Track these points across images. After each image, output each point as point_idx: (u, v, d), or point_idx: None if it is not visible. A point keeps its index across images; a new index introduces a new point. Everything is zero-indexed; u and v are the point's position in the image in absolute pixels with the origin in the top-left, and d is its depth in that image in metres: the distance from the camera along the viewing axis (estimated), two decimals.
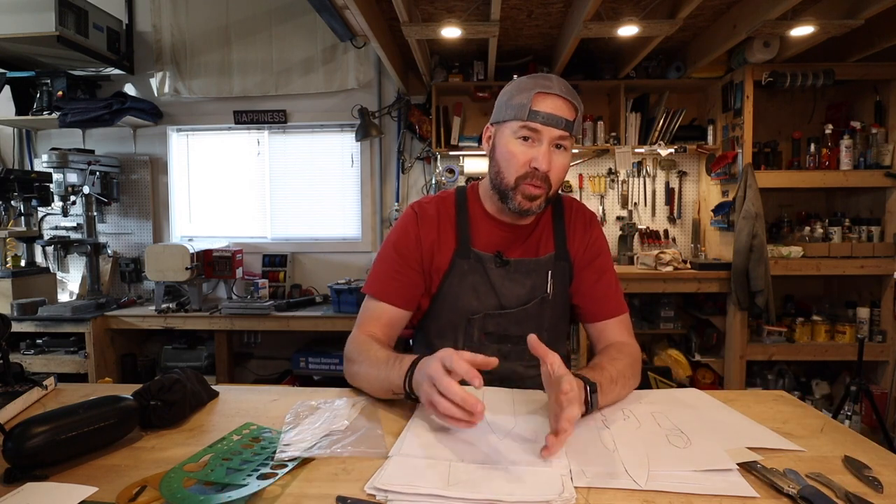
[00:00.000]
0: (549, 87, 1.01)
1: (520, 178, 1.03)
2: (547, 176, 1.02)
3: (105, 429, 0.75)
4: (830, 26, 2.24)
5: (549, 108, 1.00)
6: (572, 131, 1.02)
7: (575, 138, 1.06)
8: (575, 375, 0.85)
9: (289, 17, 3.26)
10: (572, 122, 1.01)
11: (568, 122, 1.00)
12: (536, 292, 1.13)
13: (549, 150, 1.01)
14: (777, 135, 3.13)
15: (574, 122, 1.01)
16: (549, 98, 1.00)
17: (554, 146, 1.02)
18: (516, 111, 1.02)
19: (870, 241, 2.87)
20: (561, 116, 1.00)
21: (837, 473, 0.70)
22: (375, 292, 1.11)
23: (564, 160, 1.04)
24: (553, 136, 1.01)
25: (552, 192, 1.06)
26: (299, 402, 0.93)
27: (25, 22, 2.73)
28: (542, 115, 0.99)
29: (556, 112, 1.00)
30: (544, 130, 1.00)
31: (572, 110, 1.01)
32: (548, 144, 1.01)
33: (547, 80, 1.02)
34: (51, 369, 2.87)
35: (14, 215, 3.15)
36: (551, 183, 1.04)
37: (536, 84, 1.02)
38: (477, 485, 0.65)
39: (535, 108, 1.00)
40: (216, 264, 3.07)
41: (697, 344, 3.16)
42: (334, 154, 3.46)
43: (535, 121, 1.00)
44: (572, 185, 3.36)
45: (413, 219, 1.14)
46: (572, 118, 1.01)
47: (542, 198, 1.04)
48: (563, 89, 1.01)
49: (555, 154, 1.02)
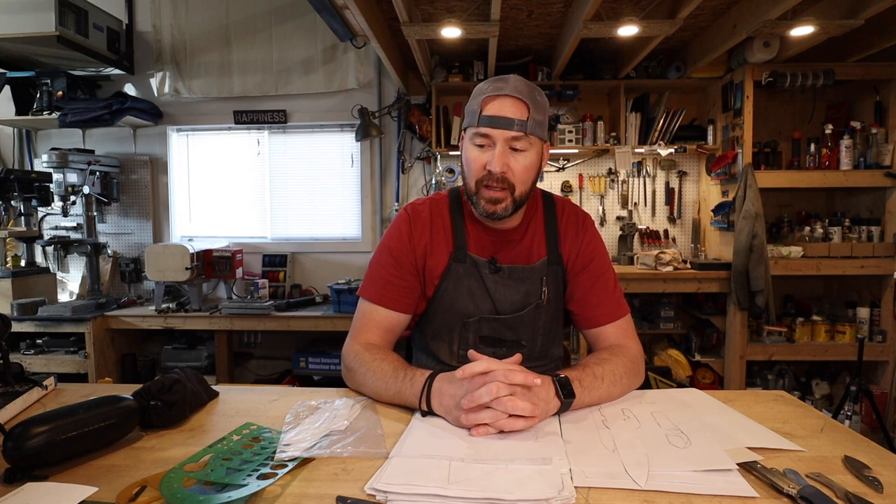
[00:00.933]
0: (499, 90, 1.00)
1: (478, 183, 1.03)
2: (505, 177, 1.01)
3: (105, 429, 0.75)
4: (830, 26, 2.24)
5: (497, 110, 0.99)
6: (527, 130, 0.99)
7: (540, 138, 1.03)
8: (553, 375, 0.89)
9: (289, 17, 3.26)
10: (525, 121, 0.99)
11: (520, 122, 0.98)
12: (531, 299, 1.12)
13: (504, 152, 1.00)
14: (777, 135, 3.13)
15: (528, 121, 0.99)
16: (499, 100, 1.00)
17: (511, 148, 1.01)
18: (471, 117, 1.03)
19: (870, 241, 2.87)
20: (510, 118, 0.98)
21: (837, 473, 0.70)
22: (372, 296, 1.10)
23: (524, 161, 1.02)
24: (506, 138, 1.00)
25: (518, 195, 1.04)
26: (299, 402, 0.93)
27: (25, 22, 2.73)
28: (491, 119, 0.99)
29: (505, 114, 0.99)
30: (494, 133, 1.00)
31: (524, 110, 0.99)
32: (502, 146, 1.00)
33: (501, 81, 1.01)
34: (51, 369, 2.87)
35: (14, 215, 3.15)
36: (514, 185, 1.02)
37: (489, 88, 1.02)
38: (477, 483, 0.65)
39: (484, 112, 1.00)
40: (216, 264, 3.07)
41: (697, 344, 3.16)
42: (334, 154, 3.46)
43: (484, 125, 1.00)
44: (572, 185, 3.36)
45: (406, 221, 1.14)
46: (525, 117, 0.99)
47: (507, 201, 1.03)
48: (515, 89, 0.99)
49: (512, 156, 1.01)
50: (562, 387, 0.86)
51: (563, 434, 0.80)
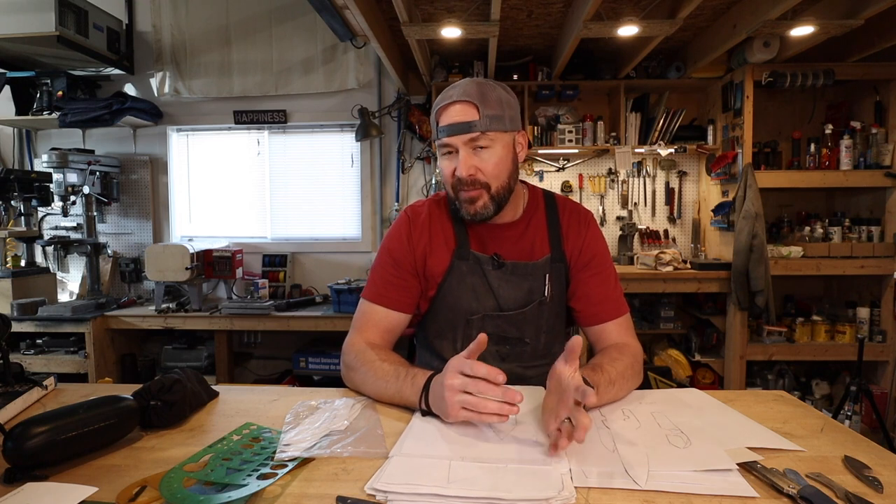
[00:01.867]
0: (450, 98, 1.03)
1: (454, 189, 1.07)
2: (475, 179, 1.04)
3: (105, 429, 0.75)
4: (830, 26, 2.24)
5: (450, 118, 1.03)
6: (484, 128, 1.01)
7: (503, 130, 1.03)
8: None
9: (289, 17, 3.26)
10: (477, 120, 1.01)
11: (469, 124, 1.01)
12: (534, 296, 1.12)
13: (468, 155, 1.03)
14: (777, 135, 3.13)
15: (480, 119, 1.01)
16: (451, 108, 1.03)
17: (475, 148, 1.03)
18: (435, 132, 1.07)
19: (870, 241, 2.87)
20: (462, 122, 1.01)
21: (837, 473, 0.70)
22: (372, 296, 1.11)
23: (491, 157, 1.04)
24: (464, 142, 1.02)
25: (496, 190, 1.06)
26: (299, 402, 0.93)
27: (25, 22, 2.73)
28: (447, 128, 1.03)
29: (457, 119, 1.02)
30: (453, 140, 1.03)
31: (474, 110, 1.01)
32: (464, 150, 1.03)
33: (451, 89, 1.05)
34: (51, 369, 2.87)
35: (14, 215, 3.15)
36: (487, 183, 1.04)
37: (441, 98, 1.05)
38: (477, 483, 0.65)
39: (441, 123, 1.04)
40: (216, 264, 3.07)
41: (697, 344, 3.16)
42: (334, 154, 3.46)
43: (444, 135, 1.04)
44: (572, 185, 3.36)
45: (405, 223, 1.15)
46: (476, 117, 1.01)
47: (484, 198, 1.05)
48: (464, 93, 1.02)
49: (476, 155, 1.04)
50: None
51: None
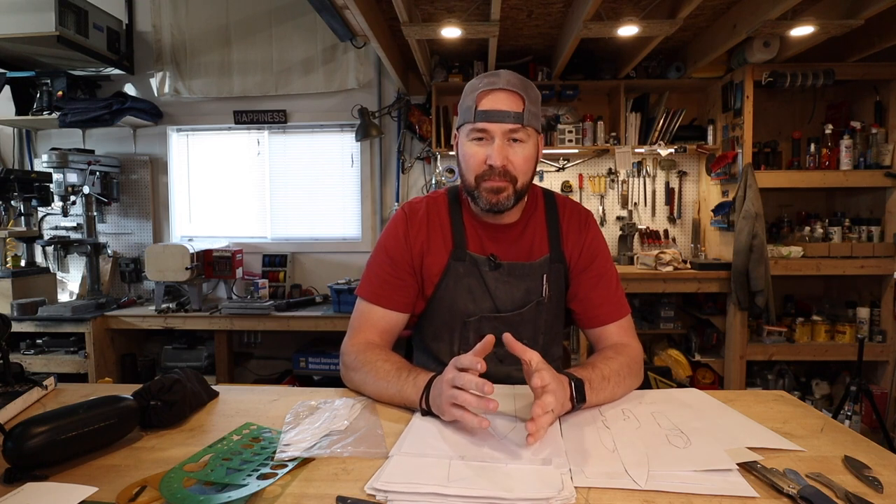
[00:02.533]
0: (493, 84, 1.01)
1: (479, 178, 1.04)
2: (506, 170, 1.02)
3: (105, 429, 0.75)
4: (830, 26, 2.24)
5: (493, 104, 1.00)
6: (524, 122, 1.00)
7: (535, 130, 1.04)
8: (563, 373, 0.87)
9: (289, 17, 3.26)
10: (521, 112, 1.00)
11: (517, 115, 0.99)
12: (532, 296, 1.11)
13: (503, 144, 1.01)
14: (777, 135, 3.13)
15: (524, 112, 1.00)
16: (493, 94, 1.00)
17: (509, 140, 1.02)
18: (466, 114, 1.03)
19: (870, 241, 2.87)
20: (507, 110, 0.99)
21: (837, 473, 0.70)
22: (370, 296, 1.10)
23: (524, 152, 1.03)
24: (504, 131, 1.00)
25: (520, 186, 1.04)
26: (299, 402, 0.93)
27: (25, 22, 2.73)
28: (488, 113, 1.00)
29: (502, 107, 1.00)
30: (493, 127, 1.00)
31: (520, 101, 1.00)
32: (500, 140, 1.00)
33: (493, 76, 1.02)
34: (51, 369, 2.87)
35: (14, 215, 3.15)
36: (515, 176, 1.03)
37: (482, 83, 1.02)
38: (477, 483, 0.65)
39: (480, 107, 1.01)
40: (216, 264, 3.07)
41: (697, 344, 3.16)
42: (334, 154, 3.46)
43: (481, 120, 1.00)
44: (572, 185, 3.36)
45: (403, 220, 1.14)
46: (521, 109, 1.00)
47: (509, 190, 1.03)
48: (508, 82, 1.00)
49: (511, 148, 1.02)
50: (577, 391, 0.86)
51: (563, 434, 0.80)
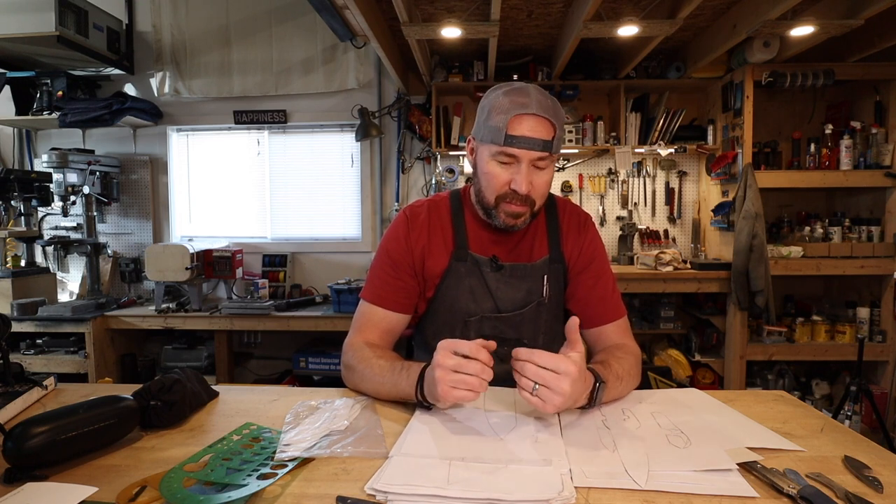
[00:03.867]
0: (525, 107, 0.97)
1: (500, 199, 1.04)
2: (528, 196, 1.02)
3: (105, 429, 0.75)
4: (830, 26, 2.24)
5: (525, 131, 0.97)
6: (552, 150, 0.99)
7: (557, 155, 1.04)
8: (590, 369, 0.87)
9: (289, 17, 3.26)
10: (551, 141, 0.98)
11: (546, 143, 0.98)
12: (532, 296, 1.13)
13: (528, 171, 1.00)
14: (777, 135, 3.13)
15: (553, 140, 0.99)
16: (525, 120, 0.97)
17: (533, 166, 1.01)
18: (493, 134, 0.99)
19: (870, 241, 2.87)
20: (537, 139, 0.97)
21: (837, 473, 0.70)
22: (371, 297, 1.12)
23: (546, 177, 1.03)
24: (532, 158, 0.99)
25: (537, 208, 1.06)
26: (299, 402, 0.93)
27: (25, 22, 2.73)
28: (518, 140, 0.97)
29: (533, 134, 0.97)
30: (521, 154, 0.98)
31: (550, 129, 0.98)
32: (526, 166, 0.99)
33: (524, 96, 0.98)
34: (51, 369, 2.87)
35: (14, 215, 3.15)
36: (534, 200, 1.04)
37: (513, 104, 0.98)
38: (477, 484, 0.65)
39: (511, 132, 0.97)
40: (216, 264, 3.07)
41: (697, 344, 3.16)
42: (334, 154, 3.46)
43: (511, 145, 0.97)
44: (572, 185, 3.36)
45: (404, 223, 1.14)
46: (550, 137, 0.98)
47: (527, 215, 1.05)
48: (540, 107, 0.97)
49: (535, 174, 1.01)
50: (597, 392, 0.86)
51: (563, 434, 0.80)
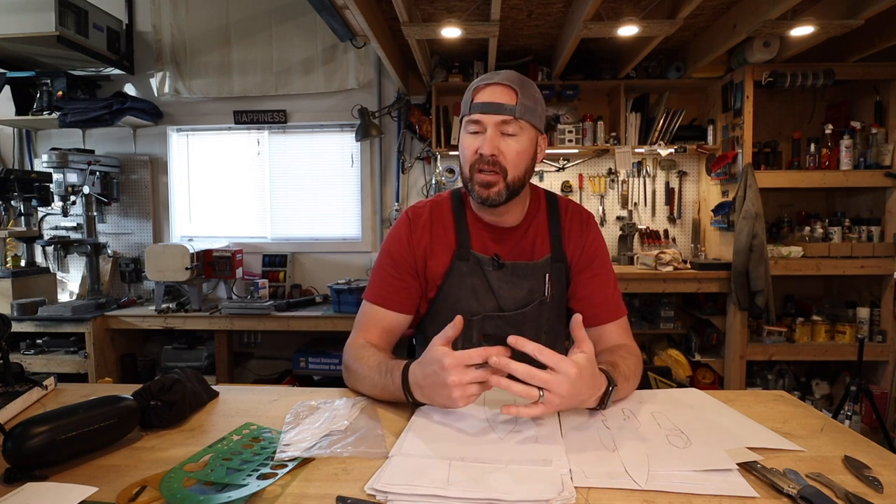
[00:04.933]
0: (489, 79, 1.05)
1: (471, 168, 1.06)
2: (496, 160, 1.03)
3: (105, 429, 0.75)
4: (830, 26, 2.24)
5: (487, 97, 1.04)
6: (516, 114, 1.02)
7: (531, 125, 1.05)
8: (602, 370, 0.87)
9: (289, 17, 3.26)
10: (514, 105, 1.02)
11: (509, 107, 1.02)
12: (534, 295, 1.13)
13: (495, 135, 1.03)
14: (777, 135, 3.13)
15: (517, 105, 1.02)
16: (488, 88, 1.04)
17: (502, 133, 1.04)
18: (464, 108, 1.08)
19: (870, 241, 2.87)
20: (499, 102, 1.02)
21: (837, 473, 0.70)
22: (373, 297, 1.12)
23: (516, 145, 1.04)
24: (496, 122, 1.03)
25: (511, 180, 1.05)
26: (299, 402, 0.93)
27: (25, 22, 2.73)
28: (481, 105, 1.03)
29: (494, 99, 1.03)
30: (485, 119, 1.03)
31: (512, 95, 1.03)
32: (492, 130, 1.03)
33: (493, 74, 1.07)
34: (51, 369, 2.87)
35: (14, 215, 3.15)
36: (506, 168, 1.04)
37: (481, 79, 1.07)
38: (477, 484, 0.65)
39: (475, 100, 1.05)
40: (216, 264, 3.07)
41: (697, 344, 3.16)
42: (334, 154, 3.46)
43: (475, 112, 1.04)
44: (572, 185, 3.36)
45: (406, 224, 1.15)
46: (513, 102, 1.02)
47: (500, 185, 1.04)
48: (505, 77, 1.04)
49: (503, 140, 1.04)
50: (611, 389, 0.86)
51: (563, 434, 0.80)
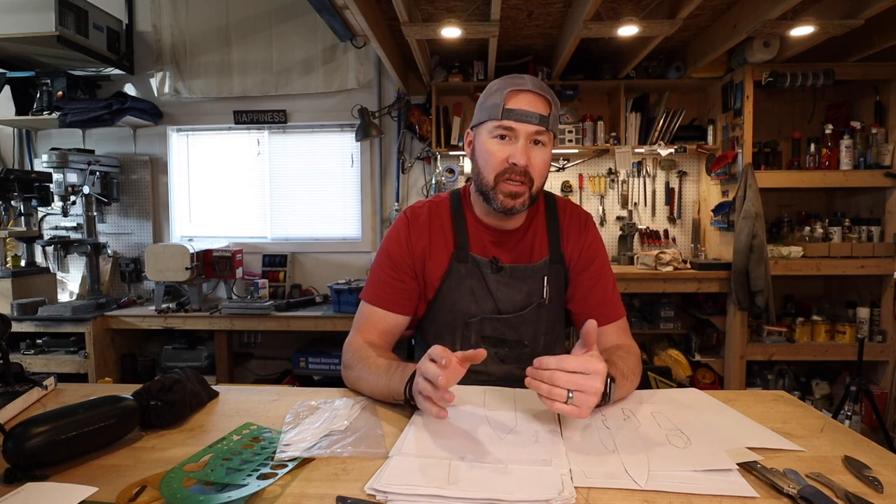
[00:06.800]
0: (521, 85, 1.02)
1: (499, 176, 1.04)
2: (527, 171, 1.02)
3: (105, 429, 0.75)
4: (830, 26, 2.24)
5: (522, 104, 1.01)
6: (548, 126, 1.02)
7: (553, 133, 1.05)
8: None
9: (289, 17, 3.26)
10: (547, 116, 1.01)
11: (543, 117, 1.01)
12: (533, 298, 1.13)
13: (526, 145, 1.02)
14: (777, 135, 3.13)
15: (549, 116, 1.01)
16: (522, 95, 1.01)
17: (531, 142, 1.02)
18: (491, 111, 1.03)
19: (870, 241, 2.87)
20: (534, 112, 1.00)
21: (837, 473, 0.70)
22: (371, 298, 1.12)
23: (544, 155, 1.04)
24: (529, 132, 1.01)
25: (535, 189, 1.05)
26: (299, 402, 0.93)
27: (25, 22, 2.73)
28: (516, 113, 1.00)
29: (530, 108, 1.00)
30: (519, 127, 1.01)
31: (546, 105, 1.02)
32: (524, 140, 1.01)
33: (519, 78, 1.04)
34: (51, 369, 2.87)
35: (14, 215, 3.15)
36: (533, 179, 1.03)
37: (509, 83, 1.03)
38: (477, 484, 0.65)
39: (508, 106, 1.01)
40: (216, 264, 3.07)
41: (697, 344, 3.16)
42: (334, 154, 3.46)
43: (509, 118, 1.01)
44: (572, 185, 3.36)
45: (405, 225, 1.15)
46: (547, 113, 1.01)
47: (525, 195, 1.04)
48: (535, 85, 1.02)
49: (533, 150, 1.03)
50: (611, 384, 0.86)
51: (563, 434, 0.80)
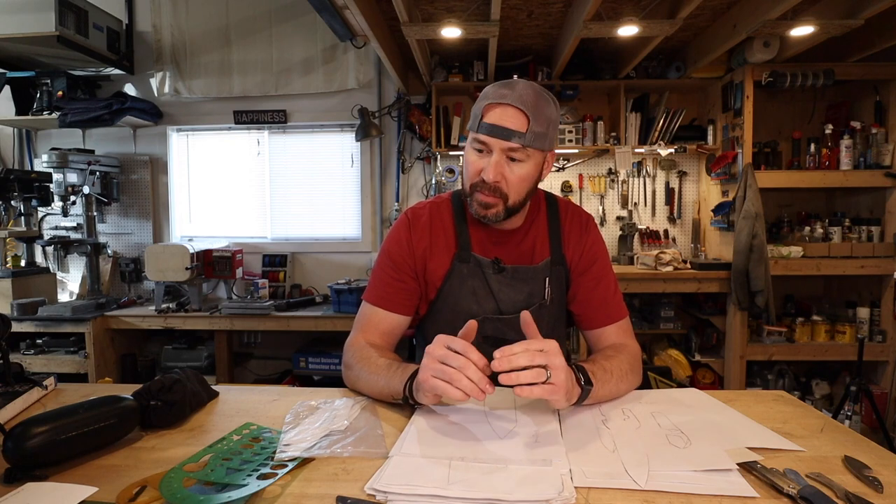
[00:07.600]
0: (503, 97, 0.98)
1: (473, 187, 1.04)
2: (498, 187, 1.00)
3: (105, 429, 0.75)
4: (830, 26, 2.24)
5: (497, 119, 0.98)
6: (524, 143, 0.97)
7: (540, 150, 1.01)
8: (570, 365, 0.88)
9: (289, 17, 3.26)
10: (524, 133, 0.96)
11: (516, 134, 0.96)
12: (534, 299, 1.13)
13: (500, 161, 0.99)
14: (777, 135, 3.13)
15: (527, 133, 0.97)
16: (501, 109, 0.98)
17: (509, 158, 1.00)
18: (473, 121, 1.03)
19: (870, 241, 2.87)
20: (508, 128, 0.97)
21: (837, 473, 0.70)
22: (372, 299, 1.12)
23: (521, 171, 1.01)
24: (502, 148, 0.98)
25: (512, 203, 1.03)
26: (299, 402, 0.93)
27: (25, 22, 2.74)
28: (488, 127, 0.98)
29: (503, 124, 0.97)
30: (492, 142, 0.98)
31: (524, 121, 0.97)
32: (498, 155, 0.99)
33: (507, 88, 0.99)
34: (51, 369, 2.87)
35: (14, 215, 3.15)
36: (507, 194, 1.02)
37: (493, 94, 1.00)
38: (477, 484, 0.65)
39: (485, 119, 0.99)
40: (216, 264, 3.07)
41: (697, 344, 3.16)
42: (334, 154, 3.46)
43: (483, 132, 0.99)
44: (572, 185, 3.36)
45: (405, 225, 1.14)
46: (524, 129, 0.97)
47: (498, 208, 1.03)
48: (519, 99, 0.97)
49: (509, 165, 1.00)
50: (582, 374, 0.87)
51: (563, 434, 0.80)
